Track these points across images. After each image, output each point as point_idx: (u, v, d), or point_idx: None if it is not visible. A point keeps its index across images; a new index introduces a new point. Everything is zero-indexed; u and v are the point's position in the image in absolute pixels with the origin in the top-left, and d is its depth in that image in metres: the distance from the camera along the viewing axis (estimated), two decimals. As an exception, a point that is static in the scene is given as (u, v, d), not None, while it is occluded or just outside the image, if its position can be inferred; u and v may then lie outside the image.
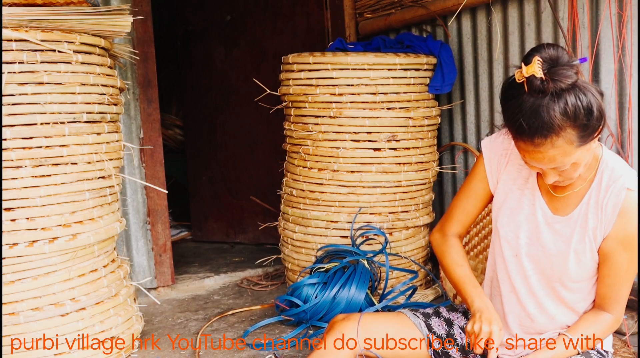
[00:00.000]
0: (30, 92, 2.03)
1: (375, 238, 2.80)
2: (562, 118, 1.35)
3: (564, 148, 1.38)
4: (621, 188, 1.51)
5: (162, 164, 3.13)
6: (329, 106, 2.75)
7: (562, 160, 1.41)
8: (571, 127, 1.37)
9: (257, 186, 4.01)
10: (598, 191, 1.54)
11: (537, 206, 1.63)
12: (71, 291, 2.16)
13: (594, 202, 1.55)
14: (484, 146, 1.72)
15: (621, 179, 1.51)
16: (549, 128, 1.35)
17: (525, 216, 1.64)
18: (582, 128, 1.37)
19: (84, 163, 2.17)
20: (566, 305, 1.65)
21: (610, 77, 2.38)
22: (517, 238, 1.65)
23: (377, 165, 2.78)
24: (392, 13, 3.31)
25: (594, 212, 1.55)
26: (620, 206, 1.51)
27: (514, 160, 1.67)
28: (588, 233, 1.56)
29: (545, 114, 1.35)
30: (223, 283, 3.39)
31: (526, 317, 1.68)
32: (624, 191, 1.50)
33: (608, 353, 1.67)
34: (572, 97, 1.35)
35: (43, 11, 2.02)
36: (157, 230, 3.14)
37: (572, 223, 1.58)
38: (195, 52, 4.10)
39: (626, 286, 1.59)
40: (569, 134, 1.37)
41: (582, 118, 1.36)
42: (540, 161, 1.42)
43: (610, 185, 1.52)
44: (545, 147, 1.38)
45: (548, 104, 1.35)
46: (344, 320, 1.73)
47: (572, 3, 2.44)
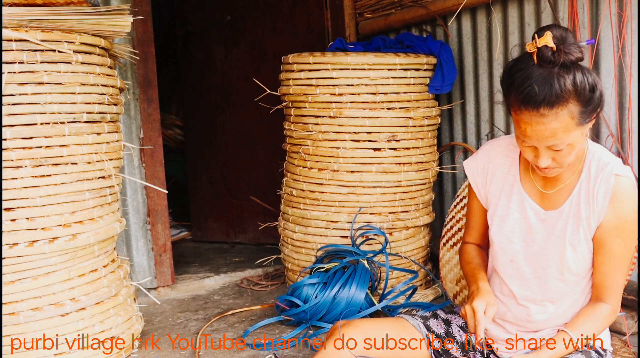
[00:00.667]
0: (30, 92, 2.03)
1: (375, 238, 2.80)
2: (571, 89, 1.39)
3: (566, 121, 1.41)
4: (610, 174, 1.53)
5: (162, 164, 3.14)
6: (329, 106, 2.75)
7: (562, 136, 1.43)
8: (576, 101, 1.40)
9: (257, 186, 4.02)
10: (588, 180, 1.57)
11: (527, 208, 1.65)
12: (71, 291, 2.16)
13: (585, 192, 1.57)
14: (466, 168, 1.78)
15: (609, 166, 1.54)
16: (558, 97, 1.38)
17: (516, 220, 1.67)
18: (585, 104, 1.41)
19: (84, 163, 2.17)
20: (565, 302, 1.65)
21: (610, 77, 2.38)
22: (511, 243, 1.67)
23: (377, 165, 2.78)
24: (392, 13, 3.31)
25: (586, 201, 1.57)
26: (611, 193, 1.53)
27: (497, 170, 1.71)
28: (582, 222, 1.58)
29: (556, 83, 1.38)
30: (223, 283, 3.39)
31: (525, 317, 1.68)
32: (613, 177, 1.53)
33: (607, 351, 1.67)
34: (580, 72, 1.40)
35: (43, 11, 2.02)
36: (157, 230, 3.14)
37: (565, 214, 1.60)
38: (195, 52, 4.10)
39: (621, 274, 1.60)
40: (573, 107, 1.40)
41: (587, 93, 1.40)
42: (540, 135, 1.43)
43: (599, 173, 1.55)
44: (549, 118, 1.40)
45: (559, 73, 1.39)
46: (344, 325, 1.75)
47: (572, 3, 2.44)
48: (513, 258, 1.67)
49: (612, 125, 2.38)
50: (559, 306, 1.66)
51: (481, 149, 1.77)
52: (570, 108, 1.40)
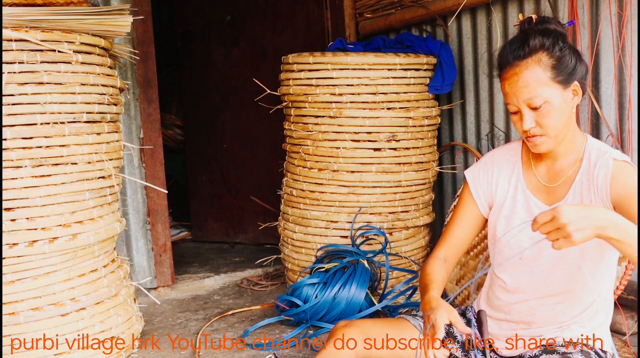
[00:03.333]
0: (30, 92, 2.03)
1: (375, 238, 2.80)
2: (539, 44, 1.53)
3: (538, 73, 1.53)
4: (608, 158, 1.57)
5: (162, 164, 3.14)
6: (329, 106, 2.75)
7: (535, 87, 1.52)
8: (547, 55, 1.53)
9: (257, 186, 4.01)
10: (588, 169, 1.60)
11: (532, 206, 1.67)
12: (71, 291, 2.16)
13: (586, 179, 1.59)
14: (467, 176, 1.80)
15: (607, 153, 1.58)
16: (528, 49, 1.53)
17: (522, 219, 1.68)
18: (557, 61, 1.53)
19: (84, 163, 2.17)
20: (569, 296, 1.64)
21: (610, 77, 2.38)
22: (520, 242, 1.67)
23: (377, 165, 2.78)
24: (392, 13, 3.31)
25: (587, 189, 1.59)
26: (611, 174, 1.55)
27: (501, 174, 1.74)
28: None
29: (528, 39, 1.55)
30: (223, 283, 3.39)
31: (529, 313, 1.69)
32: (611, 161, 1.56)
33: (607, 353, 1.67)
34: (554, 36, 1.55)
35: (43, 11, 2.02)
36: (157, 230, 3.14)
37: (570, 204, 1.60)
38: (195, 52, 4.10)
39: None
40: (545, 59, 1.53)
41: (557, 51, 1.53)
42: (515, 87, 1.54)
43: (598, 160, 1.58)
44: (521, 68, 1.53)
45: (533, 34, 1.56)
46: (345, 326, 1.74)
47: (572, 3, 2.44)
48: (522, 256, 1.68)
49: (612, 125, 2.38)
50: (563, 300, 1.65)
51: (483, 158, 1.80)
52: (542, 60, 1.53)
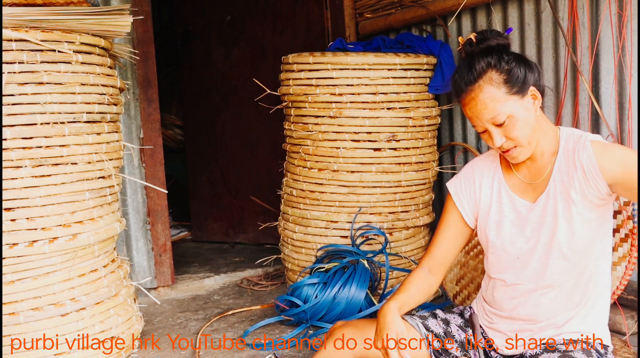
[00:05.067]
0: (30, 92, 2.03)
1: (375, 238, 2.80)
2: (485, 63, 1.57)
3: (492, 92, 1.55)
4: (585, 141, 1.59)
5: (162, 164, 3.14)
6: (329, 106, 2.75)
7: (494, 106, 1.55)
8: (496, 73, 1.56)
9: (257, 186, 4.01)
10: (566, 156, 1.61)
11: (518, 206, 1.70)
12: (71, 291, 2.16)
13: (565, 166, 1.61)
14: (450, 188, 1.83)
15: (582, 137, 1.60)
16: (476, 73, 1.57)
17: (512, 221, 1.70)
18: (507, 74, 1.56)
19: (84, 163, 2.17)
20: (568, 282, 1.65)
21: (610, 77, 2.38)
22: (514, 243, 1.70)
23: (377, 165, 2.78)
24: (392, 13, 3.31)
25: (567, 173, 1.60)
26: (594, 154, 1.56)
27: (483, 180, 1.77)
28: (571, 194, 1.59)
29: (474, 63, 1.58)
30: (223, 283, 3.39)
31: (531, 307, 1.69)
32: (589, 143, 1.58)
33: (607, 348, 1.68)
34: (497, 51, 1.58)
35: (43, 11, 2.02)
36: (157, 230, 3.14)
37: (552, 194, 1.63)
38: (195, 52, 4.10)
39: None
40: (495, 77, 1.56)
41: (504, 65, 1.56)
42: (475, 110, 1.58)
43: (575, 145, 1.60)
44: (475, 92, 1.57)
45: (475, 55, 1.60)
46: (343, 326, 1.75)
47: (572, 3, 2.44)
48: (519, 256, 1.69)
49: (612, 125, 2.38)
50: (562, 288, 1.65)
51: (464, 168, 1.84)
52: (493, 78, 1.55)
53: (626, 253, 2.16)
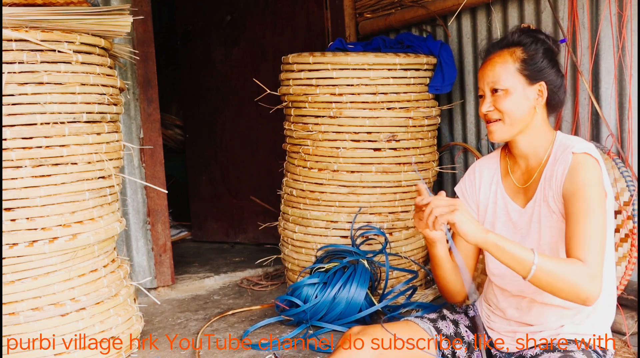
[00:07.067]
0: (30, 92, 2.03)
1: (375, 238, 2.80)
2: (518, 39, 1.66)
3: (507, 62, 1.64)
4: (568, 153, 1.60)
5: (162, 164, 3.13)
6: (329, 106, 2.75)
7: (500, 74, 1.63)
8: (521, 51, 1.64)
9: (257, 186, 4.01)
10: (553, 164, 1.64)
11: (510, 210, 1.73)
12: (71, 291, 2.16)
13: (549, 175, 1.64)
14: (458, 191, 1.90)
15: (569, 147, 1.62)
16: (506, 41, 1.67)
17: (504, 223, 1.74)
18: (529, 56, 1.64)
19: (84, 163, 2.17)
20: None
21: (610, 77, 2.38)
22: None
23: (377, 165, 2.78)
24: (392, 13, 3.31)
25: (549, 184, 1.63)
26: (568, 168, 1.58)
27: (483, 180, 1.81)
28: (549, 203, 1.63)
29: (512, 34, 1.69)
30: (223, 283, 3.39)
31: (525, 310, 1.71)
32: (570, 156, 1.59)
33: (607, 352, 1.68)
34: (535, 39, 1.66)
35: (43, 11, 2.02)
36: (157, 230, 3.14)
37: (538, 201, 1.66)
38: (195, 52, 4.10)
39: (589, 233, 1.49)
40: (517, 54, 1.64)
41: (532, 49, 1.64)
42: (485, 70, 1.67)
43: (560, 156, 1.63)
44: (495, 57, 1.66)
45: (518, 32, 1.69)
46: (359, 333, 1.73)
47: (572, 3, 2.44)
48: None
49: (612, 125, 2.38)
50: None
51: (468, 170, 1.89)
52: (515, 53, 1.64)
53: (626, 253, 2.16)
